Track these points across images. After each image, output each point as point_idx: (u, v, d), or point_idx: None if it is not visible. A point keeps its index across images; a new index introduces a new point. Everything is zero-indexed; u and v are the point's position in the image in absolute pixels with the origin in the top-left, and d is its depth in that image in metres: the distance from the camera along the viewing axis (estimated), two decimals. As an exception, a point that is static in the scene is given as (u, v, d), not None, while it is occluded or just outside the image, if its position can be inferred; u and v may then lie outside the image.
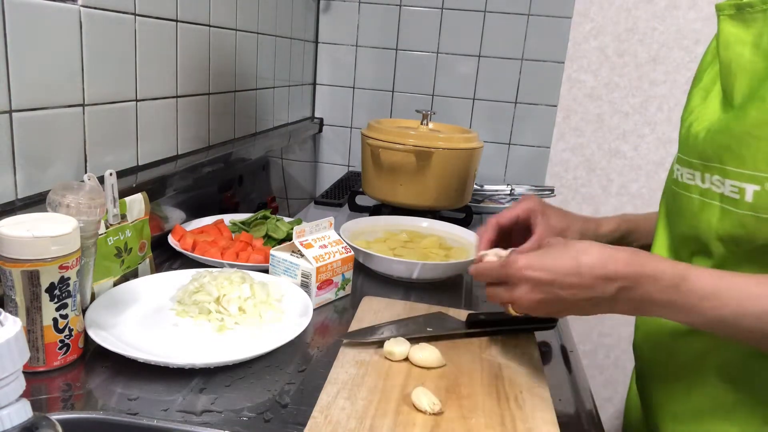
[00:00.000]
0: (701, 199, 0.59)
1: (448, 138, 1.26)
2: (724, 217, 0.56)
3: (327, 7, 1.84)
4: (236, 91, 1.29)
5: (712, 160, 0.56)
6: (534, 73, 1.78)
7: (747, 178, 0.53)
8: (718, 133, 0.56)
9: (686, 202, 0.61)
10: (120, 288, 0.77)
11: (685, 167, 0.62)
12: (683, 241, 0.63)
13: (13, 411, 0.37)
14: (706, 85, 0.63)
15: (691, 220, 0.60)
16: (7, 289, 0.59)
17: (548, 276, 0.55)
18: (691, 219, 0.60)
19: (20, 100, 0.70)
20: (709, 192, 0.58)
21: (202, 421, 0.56)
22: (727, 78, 0.58)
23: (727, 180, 0.55)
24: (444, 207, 1.31)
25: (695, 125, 0.60)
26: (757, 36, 0.55)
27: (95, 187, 0.69)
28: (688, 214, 0.61)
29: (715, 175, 0.56)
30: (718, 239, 0.57)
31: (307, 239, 0.85)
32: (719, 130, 0.56)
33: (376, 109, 1.88)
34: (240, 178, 1.32)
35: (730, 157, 0.54)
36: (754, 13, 0.55)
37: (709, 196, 0.57)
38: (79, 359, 0.65)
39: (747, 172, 0.53)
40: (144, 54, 0.93)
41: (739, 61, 0.56)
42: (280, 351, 0.69)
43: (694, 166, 0.60)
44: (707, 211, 0.58)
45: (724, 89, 0.59)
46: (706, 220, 0.58)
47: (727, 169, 0.55)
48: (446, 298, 0.92)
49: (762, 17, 0.55)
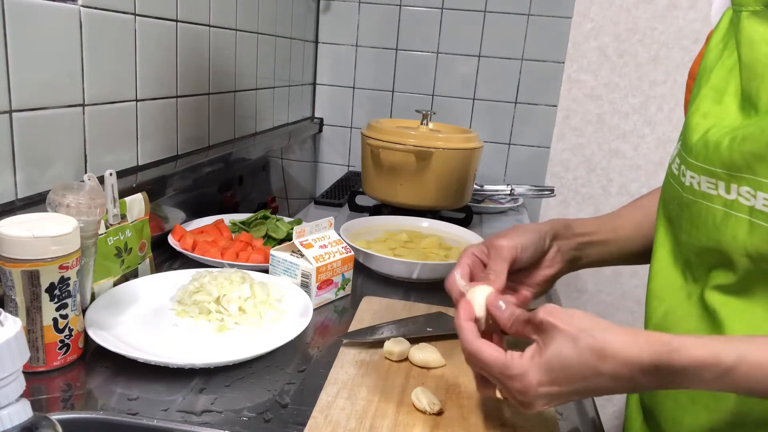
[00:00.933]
0: (726, 210, 0.54)
1: (448, 138, 1.26)
2: (754, 231, 0.52)
3: (327, 7, 1.84)
4: (236, 91, 1.29)
5: (742, 170, 0.52)
6: (534, 73, 1.78)
7: None
8: (746, 141, 0.52)
9: (705, 213, 0.57)
10: (120, 288, 0.77)
11: (703, 175, 0.57)
12: (700, 254, 0.59)
13: (13, 411, 0.37)
14: (716, 85, 0.58)
15: (711, 232, 0.56)
16: (7, 289, 0.59)
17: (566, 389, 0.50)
18: (712, 231, 0.56)
19: (20, 100, 0.70)
20: (735, 204, 0.53)
21: (202, 421, 0.56)
22: (750, 80, 0.54)
23: (760, 193, 0.51)
24: (444, 207, 1.31)
25: (714, 131, 0.56)
26: None
27: (95, 187, 0.69)
28: (708, 225, 0.57)
29: (745, 186, 0.52)
30: (745, 255, 0.53)
31: (307, 239, 0.85)
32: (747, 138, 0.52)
33: (376, 109, 1.88)
34: (240, 178, 1.33)
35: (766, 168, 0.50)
36: None
37: (736, 208, 0.53)
38: (79, 359, 0.65)
39: None
40: (144, 54, 0.93)
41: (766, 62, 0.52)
42: (280, 351, 0.69)
43: (716, 175, 0.55)
44: (733, 224, 0.54)
45: (746, 92, 0.55)
46: (731, 234, 0.54)
47: (761, 182, 0.50)
48: (446, 298, 0.91)
49: None
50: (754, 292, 0.53)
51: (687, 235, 0.61)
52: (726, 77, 0.58)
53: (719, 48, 0.60)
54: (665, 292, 0.64)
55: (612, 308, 1.88)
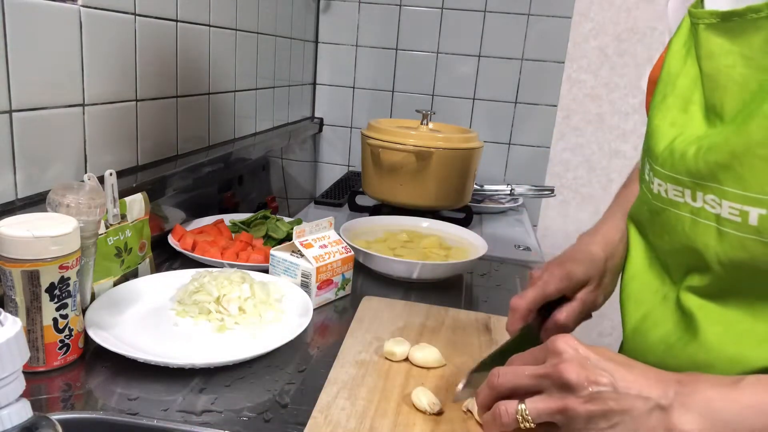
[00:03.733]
0: (693, 217, 0.55)
1: (448, 138, 1.26)
2: (723, 239, 0.52)
3: (327, 7, 1.84)
4: (236, 91, 1.29)
5: (706, 179, 0.52)
6: (534, 73, 1.78)
7: (751, 200, 0.49)
8: (711, 151, 0.52)
9: (675, 220, 0.57)
10: (120, 288, 0.77)
11: (670, 183, 0.57)
12: (676, 256, 0.59)
13: (13, 411, 0.37)
14: (683, 94, 0.58)
15: (683, 238, 0.57)
16: (7, 289, 0.59)
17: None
18: (683, 237, 0.56)
19: (20, 100, 0.70)
20: (702, 211, 0.54)
21: (202, 421, 0.56)
22: (713, 91, 0.54)
23: (725, 201, 0.51)
24: (444, 207, 1.31)
25: (680, 140, 0.56)
26: (746, 47, 0.51)
27: (95, 187, 0.69)
28: (678, 231, 0.57)
29: (710, 194, 0.52)
30: (717, 262, 0.53)
31: (307, 239, 0.85)
32: (712, 148, 0.52)
33: (376, 109, 1.88)
34: (240, 178, 1.33)
35: (729, 178, 0.50)
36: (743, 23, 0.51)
37: (703, 215, 0.54)
38: (79, 359, 0.65)
39: (751, 194, 0.49)
40: (144, 54, 0.93)
41: (728, 73, 0.53)
42: (280, 351, 0.69)
43: (682, 183, 0.55)
44: (702, 231, 0.54)
45: (710, 102, 0.55)
46: (702, 241, 0.54)
47: (725, 190, 0.51)
48: (446, 298, 0.92)
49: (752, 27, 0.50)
50: (729, 295, 0.54)
51: (660, 239, 0.61)
52: (690, 87, 0.58)
53: (681, 54, 0.60)
54: (643, 295, 0.64)
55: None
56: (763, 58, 0.50)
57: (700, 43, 0.56)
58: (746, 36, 0.51)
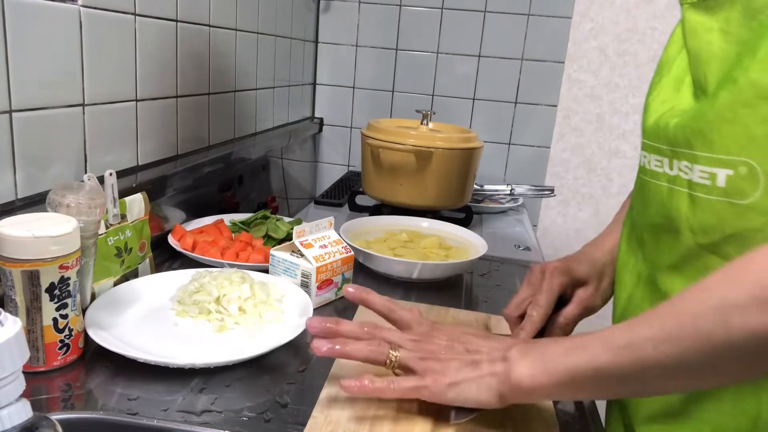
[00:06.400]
0: (669, 186, 0.57)
1: (448, 138, 1.26)
2: (695, 204, 0.54)
3: (327, 7, 1.84)
4: (236, 91, 1.29)
5: (682, 145, 0.55)
6: (534, 73, 1.78)
7: (719, 162, 0.51)
8: (689, 120, 0.55)
9: (654, 190, 0.60)
10: (120, 288, 0.77)
11: (653, 154, 0.60)
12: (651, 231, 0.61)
13: (13, 411, 0.37)
14: (677, 74, 0.61)
15: (660, 208, 0.59)
16: (7, 289, 0.59)
17: None
18: (660, 207, 0.59)
19: (20, 99, 0.70)
20: (678, 179, 0.56)
21: (202, 421, 0.56)
22: (697, 67, 0.57)
23: (696, 166, 0.53)
24: (444, 207, 1.31)
25: (667, 114, 0.59)
26: (724, 22, 0.54)
27: (95, 187, 0.69)
28: (656, 202, 0.59)
29: (684, 161, 0.55)
30: (689, 229, 0.55)
31: (307, 239, 0.85)
32: (691, 117, 0.55)
33: (376, 109, 1.88)
34: (240, 178, 1.33)
35: (701, 143, 0.53)
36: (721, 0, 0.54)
37: (678, 183, 0.56)
38: (79, 359, 0.65)
39: (718, 156, 0.51)
40: (144, 54, 0.93)
41: (709, 48, 0.55)
42: (280, 351, 0.69)
43: (662, 152, 0.58)
44: (677, 199, 0.56)
45: (695, 79, 0.57)
46: (675, 208, 0.56)
47: (696, 155, 0.53)
48: (446, 298, 0.92)
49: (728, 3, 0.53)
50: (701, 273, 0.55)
51: (641, 215, 0.64)
52: (685, 69, 0.61)
53: (681, 40, 0.62)
54: (623, 276, 0.67)
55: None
56: (739, 31, 0.52)
57: (685, 22, 0.59)
58: (724, 12, 0.54)
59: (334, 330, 0.61)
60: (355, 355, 0.58)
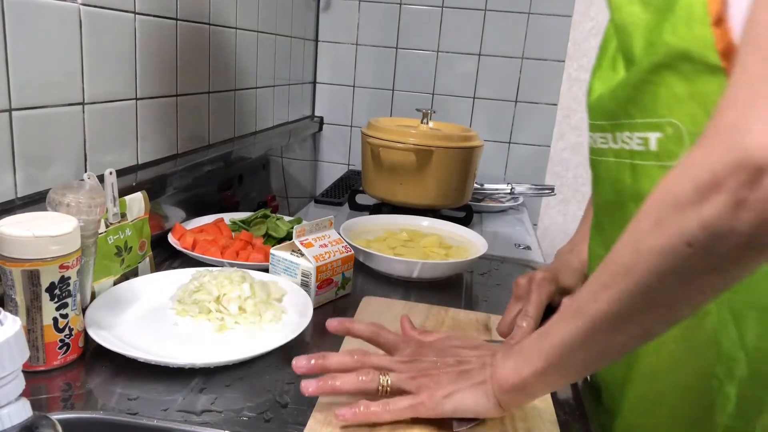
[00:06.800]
0: (616, 160, 0.58)
1: (449, 137, 1.26)
2: (635, 173, 0.55)
3: (327, 6, 1.83)
4: (236, 90, 1.29)
5: (620, 116, 0.56)
6: (534, 71, 1.77)
7: (650, 126, 0.52)
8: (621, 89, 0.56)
9: (604, 168, 0.60)
10: (120, 287, 0.77)
11: (597, 132, 0.61)
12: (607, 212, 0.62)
13: (12, 410, 0.37)
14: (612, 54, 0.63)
15: (609, 184, 0.60)
16: (7, 289, 0.59)
17: None
18: (609, 183, 0.59)
19: (20, 98, 0.70)
20: (622, 152, 0.57)
21: (202, 421, 0.56)
22: (624, 40, 0.58)
23: (635, 133, 0.54)
24: (444, 206, 1.31)
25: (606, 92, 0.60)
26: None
27: (95, 186, 0.69)
28: (606, 179, 0.60)
29: (625, 131, 0.56)
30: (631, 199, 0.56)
31: (307, 238, 0.85)
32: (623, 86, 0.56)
33: (376, 108, 1.88)
34: (240, 177, 1.32)
35: (635, 109, 0.54)
36: None
37: (622, 155, 0.57)
38: (79, 359, 0.65)
39: (649, 120, 0.52)
40: (144, 52, 0.92)
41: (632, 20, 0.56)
42: (280, 351, 0.68)
43: (605, 129, 0.59)
44: (622, 172, 0.57)
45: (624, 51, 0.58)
46: (620, 180, 0.57)
47: (635, 122, 0.54)
48: (446, 297, 0.92)
49: None
50: None
51: (596, 195, 0.65)
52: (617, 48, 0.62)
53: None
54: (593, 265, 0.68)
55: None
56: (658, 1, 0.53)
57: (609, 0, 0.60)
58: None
59: (322, 366, 0.59)
60: (345, 388, 0.57)
